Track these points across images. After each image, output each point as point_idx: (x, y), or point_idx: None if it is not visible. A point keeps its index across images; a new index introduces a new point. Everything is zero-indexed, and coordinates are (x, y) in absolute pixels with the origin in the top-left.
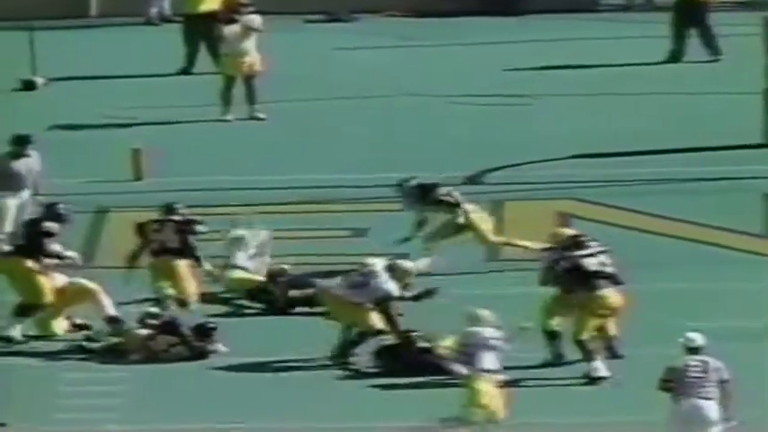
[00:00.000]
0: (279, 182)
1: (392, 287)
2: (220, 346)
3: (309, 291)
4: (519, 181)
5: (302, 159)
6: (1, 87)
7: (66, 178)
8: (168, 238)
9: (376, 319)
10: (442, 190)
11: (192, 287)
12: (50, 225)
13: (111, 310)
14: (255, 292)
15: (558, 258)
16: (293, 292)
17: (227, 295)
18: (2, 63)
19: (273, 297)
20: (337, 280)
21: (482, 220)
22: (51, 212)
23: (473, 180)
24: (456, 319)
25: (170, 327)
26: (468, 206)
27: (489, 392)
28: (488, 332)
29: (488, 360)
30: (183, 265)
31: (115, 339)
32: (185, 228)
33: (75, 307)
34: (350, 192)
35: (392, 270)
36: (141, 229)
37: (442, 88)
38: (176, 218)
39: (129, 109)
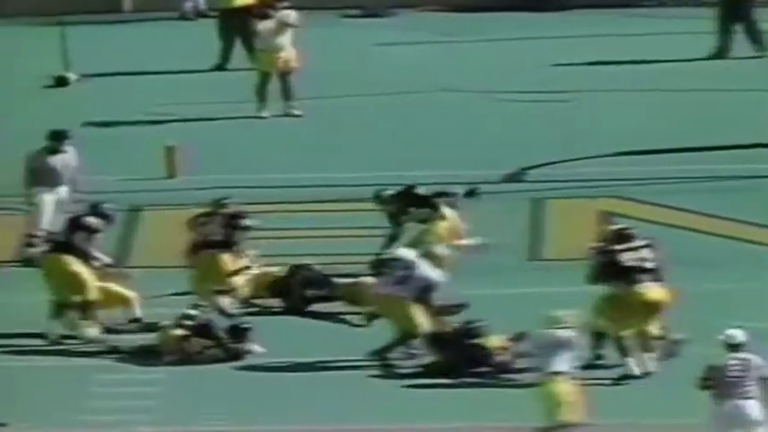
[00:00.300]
0: (315, 179)
1: (435, 275)
2: (256, 347)
3: (326, 289)
4: (561, 179)
5: (339, 157)
6: (33, 84)
7: (100, 176)
8: (213, 231)
9: (421, 317)
10: (423, 189)
11: (239, 281)
12: (93, 221)
13: (138, 313)
14: (276, 288)
15: (599, 253)
16: (310, 291)
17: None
18: (34, 59)
19: (292, 294)
20: (373, 278)
21: (450, 227)
22: (95, 211)
23: (514, 178)
24: (497, 318)
25: (204, 329)
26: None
27: (567, 394)
28: (565, 333)
29: (564, 361)
30: (226, 258)
31: (150, 340)
32: (231, 221)
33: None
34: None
35: (428, 258)
36: (191, 223)
37: (481, 84)
38: (224, 211)
39: (162, 105)
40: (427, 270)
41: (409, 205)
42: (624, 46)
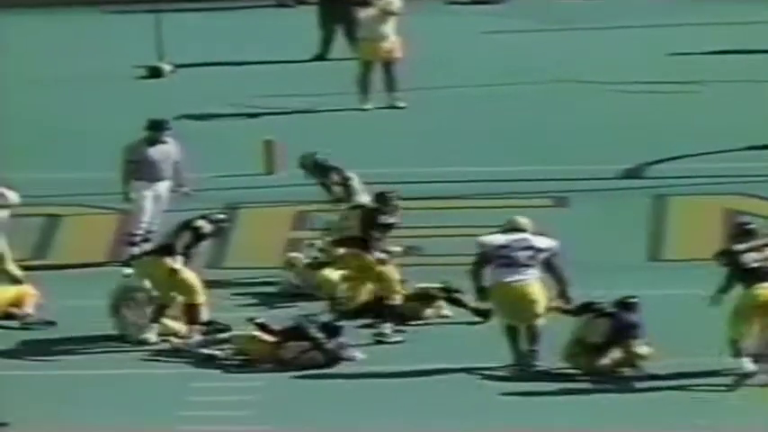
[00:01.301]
0: (420, 175)
1: (549, 240)
2: (357, 354)
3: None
4: (684, 175)
5: (445, 151)
6: (126, 74)
7: (194, 172)
8: (351, 226)
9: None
10: (335, 177)
11: (392, 282)
12: (206, 225)
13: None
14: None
15: (721, 254)
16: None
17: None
18: (127, 48)
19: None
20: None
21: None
22: (207, 218)
23: (633, 174)
24: None
25: (296, 332)
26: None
27: None
28: None
29: None
30: (371, 257)
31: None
32: (370, 216)
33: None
34: (497, 186)
35: (518, 230)
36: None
37: (598, 75)
38: (364, 204)
39: (260, 97)
40: (539, 239)
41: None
42: (749, 33)
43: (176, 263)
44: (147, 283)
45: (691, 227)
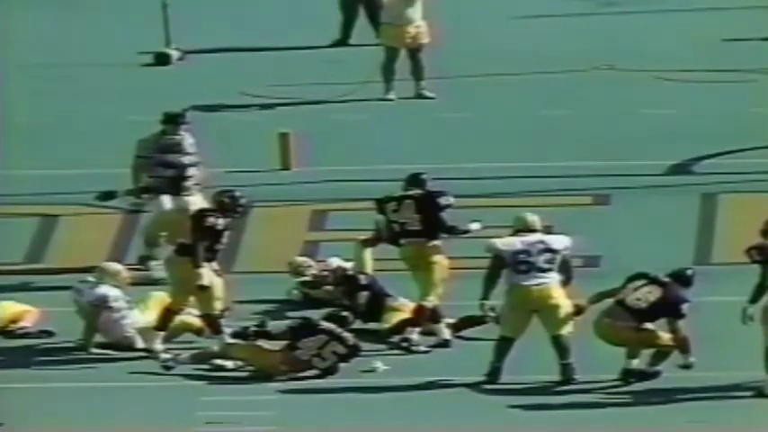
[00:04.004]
0: (450, 171)
1: (564, 238)
2: (380, 365)
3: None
4: (736, 171)
5: (477, 144)
6: (130, 61)
7: (204, 167)
8: (409, 219)
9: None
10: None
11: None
12: (217, 221)
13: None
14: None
15: (753, 248)
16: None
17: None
18: (131, 33)
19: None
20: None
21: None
22: (220, 203)
23: (681, 170)
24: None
25: (306, 328)
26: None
27: None
28: None
29: None
30: (431, 246)
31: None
32: (426, 203)
33: None
34: (532, 182)
35: (530, 230)
36: (381, 207)
37: (644, 62)
38: (413, 193)
39: (275, 87)
40: (557, 239)
41: None
42: None
43: (204, 278)
44: (117, 291)
45: (743, 228)
